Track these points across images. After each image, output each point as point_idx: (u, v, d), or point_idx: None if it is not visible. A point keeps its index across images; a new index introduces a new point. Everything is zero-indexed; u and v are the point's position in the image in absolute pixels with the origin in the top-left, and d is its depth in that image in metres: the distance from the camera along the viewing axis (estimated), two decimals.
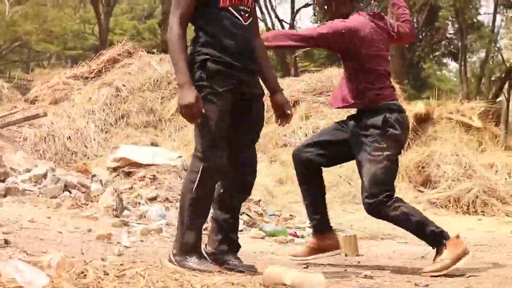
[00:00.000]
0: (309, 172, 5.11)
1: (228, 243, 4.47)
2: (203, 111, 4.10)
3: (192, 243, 4.24)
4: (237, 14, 4.28)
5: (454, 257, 4.58)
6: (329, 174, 9.22)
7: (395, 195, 4.82)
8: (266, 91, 4.52)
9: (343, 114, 11.28)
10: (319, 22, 41.04)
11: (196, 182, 4.18)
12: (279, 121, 4.55)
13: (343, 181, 10.81)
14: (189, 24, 4.28)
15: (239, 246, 4.55)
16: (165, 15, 30.66)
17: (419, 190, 10.95)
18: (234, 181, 4.44)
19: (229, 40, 4.23)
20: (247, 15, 4.34)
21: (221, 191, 4.44)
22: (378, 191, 4.72)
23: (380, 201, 4.71)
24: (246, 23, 4.33)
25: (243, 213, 7.37)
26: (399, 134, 4.86)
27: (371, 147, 4.80)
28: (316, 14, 40.60)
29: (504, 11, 36.34)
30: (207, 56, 4.18)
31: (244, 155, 4.46)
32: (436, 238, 4.69)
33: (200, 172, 4.17)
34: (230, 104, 4.24)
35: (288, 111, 4.54)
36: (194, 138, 4.25)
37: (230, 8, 4.26)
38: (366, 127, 4.87)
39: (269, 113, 11.04)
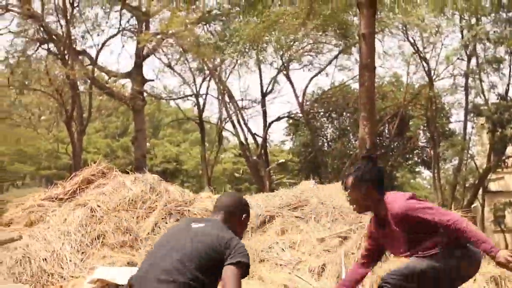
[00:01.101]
0: None
1: None
2: None
3: None
4: None
5: None
6: None
7: None
8: None
9: (321, 229, 11.27)
10: (292, 135, 41.57)
11: None
12: None
13: None
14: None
15: None
16: (138, 133, 30.99)
17: None
18: None
19: None
20: None
21: None
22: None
23: None
24: None
25: None
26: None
27: None
28: (288, 126, 41.16)
29: (475, 118, 36.94)
30: None
31: None
32: None
33: None
34: None
35: None
36: None
37: None
38: None
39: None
